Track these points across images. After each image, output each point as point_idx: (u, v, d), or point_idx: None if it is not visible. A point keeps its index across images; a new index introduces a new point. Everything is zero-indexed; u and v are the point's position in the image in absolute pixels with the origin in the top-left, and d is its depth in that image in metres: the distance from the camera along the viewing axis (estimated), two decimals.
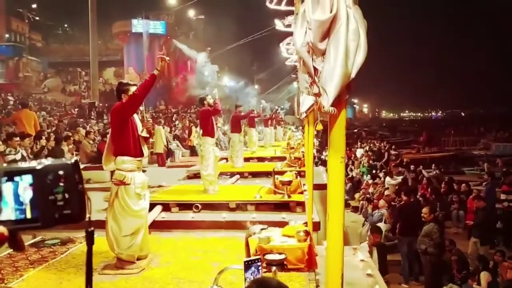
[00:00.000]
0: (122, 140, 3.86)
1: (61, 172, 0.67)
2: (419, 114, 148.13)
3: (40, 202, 0.66)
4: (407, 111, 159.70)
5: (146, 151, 4.01)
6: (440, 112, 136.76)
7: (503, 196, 10.06)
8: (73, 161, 0.70)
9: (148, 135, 4.10)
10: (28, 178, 0.66)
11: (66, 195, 0.67)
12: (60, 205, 0.67)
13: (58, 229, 5.73)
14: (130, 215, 3.80)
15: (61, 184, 0.67)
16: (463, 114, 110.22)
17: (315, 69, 1.55)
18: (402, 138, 39.58)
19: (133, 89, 3.92)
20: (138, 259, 4.02)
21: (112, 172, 4.11)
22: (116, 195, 3.80)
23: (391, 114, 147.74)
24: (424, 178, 12.69)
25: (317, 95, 1.55)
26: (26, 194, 0.66)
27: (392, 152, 20.15)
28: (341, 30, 1.44)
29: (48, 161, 0.68)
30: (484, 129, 41.34)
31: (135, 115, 4.06)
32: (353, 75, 1.49)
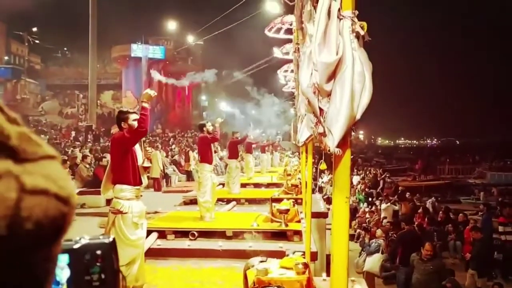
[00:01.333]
0: (122, 169, 3.85)
1: (98, 252, 0.66)
2: (414, 141, 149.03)
3: (76, 283, 0.65)
4: (402, 139, 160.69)
5: (145, 180, 4.00)
6: (436, 140, 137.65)
7: (500, 228, 10.01)
8: (111, 239, 0.69)
9: (149, 165, 4.10)
10: (65, 258, 0.65)
11: (102, 275, 0.66)
12: (96, 285, 0.65)
13: None
14: (127, 244, 3.75)
15: (98, 264, 0.66)
16: (458, 143, 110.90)
17: (321, 109, 1.57)
18: (398, 166, 39.64)
19: (132, 117, 3.94)
20: None
21: (109, 200, 4.08)
22: (113, 224, 3.75)
23: (387, 141, 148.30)
24: (421, 207, 12.64)
25: (322, 135, 1.56)
26: (64, 274, 0.64)
27: (388, 179, 20.16)
28: (347, 73, 1.47)
29: (85, 240, 0.67)
30: (480, 158, 41.55)
31: None
32: (358, 117, 1.51)
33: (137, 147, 4.06)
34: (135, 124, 3.90)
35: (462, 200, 20.80)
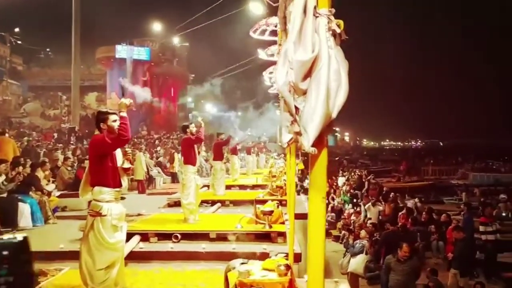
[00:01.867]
0: (101, 171, 3.76)
1: (5, 253, 0.60)
2: (399, 143, 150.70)
3: None
4: (387, 140, 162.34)
5: (125, 182, 3.92)
6: (420, 141, 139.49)
7: (481, 228, 10.13)
8: (21, 238, 0.63)
9: (129, 166, 4.01)
10: None
11: (11, 279, 0.59)
12: None
13: None
14: (106, 247, 3.67)
15: (5, 266, 0.59)
16: (441, 144, 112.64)
17: (296, 108, 1.54)
18: (382, 167, 39.99)
19: (112, 117, 3.85)
20: None
21: (90, 202, 3.99)
22: (91, 226, 3.67)
23: (372, 143, 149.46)
24: (404, 208, 12.73)
25: (298, 134, 1.54)
26: None
27: (372, 180, 20.31)
28: (323, 71, 1.44)
29: None
30: (462, 159, 42.20)
31: None
32: (334, 116, 1.48)
33: (117, 149, 3.98)
34: (115, 125, 3.83)
35: (445, 200, 21.04)
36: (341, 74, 1.48)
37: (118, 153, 3.98)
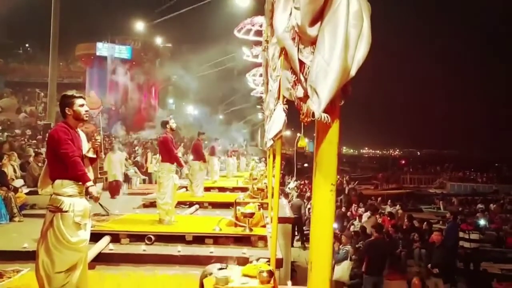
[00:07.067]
0: (62, 161, 3.33)
1: None
2: (378, 151, 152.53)
3: None
4: (366, 148, 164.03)
5: (91, 174, 3.49)
6: (398, 150, 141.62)
7: (461, 235, 10.08)
8: None
9: (94, 156, 3.59)
10: None
11: None
12: None
13: None
14: (66, 247, 3.23)
15: None
16: (419, 153, 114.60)
17: (302, 63, 1.20)
18: (362, 174, 40.44)
19: (78, 101, 3.44)
20: None
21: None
22: (50, 223, 3.22)
23: (351, 151, 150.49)
24: (387, 214, 12.59)
25: (303, 99, 1.19)
26: None
27: (355, 187, 20.29)
28: (340, 11, 1.09)
29: None
30: (440, 168, 42.91)
31: (81, 133, 3.57)
32: (353, 73, 1.13)
33: (83, 138, 3.57)
34: (82, 110, 3.44)
35: (423, 209, 21.18)
36: (363, 18, 1.14)
37: (84, 140, 3.57)
